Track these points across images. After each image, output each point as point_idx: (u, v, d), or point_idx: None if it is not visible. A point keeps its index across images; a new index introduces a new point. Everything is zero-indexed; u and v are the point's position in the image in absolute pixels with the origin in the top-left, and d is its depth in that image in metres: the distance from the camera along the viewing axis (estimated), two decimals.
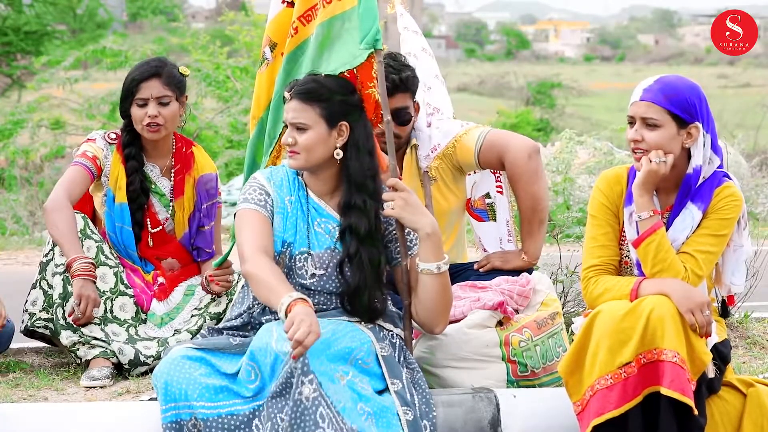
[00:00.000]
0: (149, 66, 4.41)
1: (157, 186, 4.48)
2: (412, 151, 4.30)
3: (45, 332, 4.29)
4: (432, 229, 3.46)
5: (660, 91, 3.42)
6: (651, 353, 3.24)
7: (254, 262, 3.34)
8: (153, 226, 4.46)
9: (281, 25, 3.84)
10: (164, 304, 4.39)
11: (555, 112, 32.40)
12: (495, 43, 78.20)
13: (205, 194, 4.54)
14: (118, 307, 4.29)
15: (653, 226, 3.39)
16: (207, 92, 13.99)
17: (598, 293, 3.46)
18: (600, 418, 3.24)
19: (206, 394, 3.17)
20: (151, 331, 4.32)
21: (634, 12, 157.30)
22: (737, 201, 3.45)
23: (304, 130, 3.47)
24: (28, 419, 3.51)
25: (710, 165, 3.48)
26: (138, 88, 4.36)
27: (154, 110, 4.34)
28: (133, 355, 4.18)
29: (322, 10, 3.67)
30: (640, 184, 3.43)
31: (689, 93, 3.43)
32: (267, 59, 3.86)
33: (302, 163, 3.49)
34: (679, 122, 3.42)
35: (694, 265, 3.39)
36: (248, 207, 3.50)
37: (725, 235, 3.45)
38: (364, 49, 3.59)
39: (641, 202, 3.43)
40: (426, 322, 3.59)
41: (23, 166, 13.98)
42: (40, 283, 4.26)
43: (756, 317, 5.27)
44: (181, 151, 4.53)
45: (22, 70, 23.70)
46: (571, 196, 6.98)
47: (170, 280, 4.45)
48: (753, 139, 18.91)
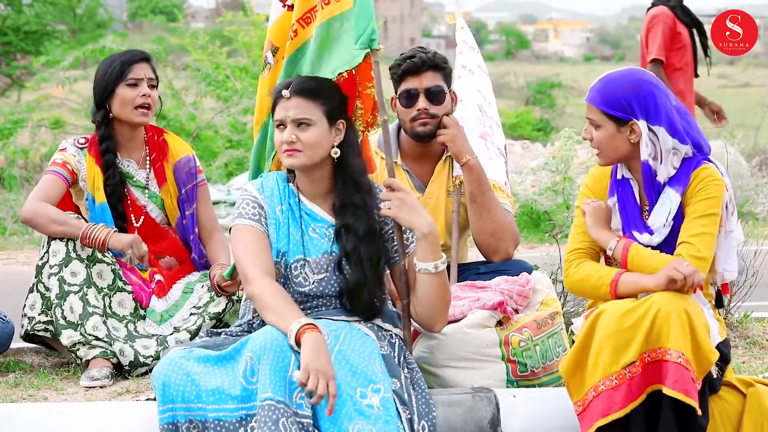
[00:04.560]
0: (134, 52, 4.49)
1: (136, 180, 4.48)
2: (447, 162, 4.34)
3: (45, 335, 4.29)
4: (429, 228, 3.46)
5: (597, 92, 3.48)
6: (655, 352, 3.23)
7: (258, 284, 3.34)
8: (136, 218, 4.45)
9: (282, 28, 3.82)
10: (163, 301, 4.38)
11: (555, 111, 32.44)
12: (495, 43, 78.21)
13: (184, 178, 4.54)
14: (116, 303, 4.28)
15: (625, 247, 3.43)
16: (207, 92, 14.00)
17: (579, 278, 3.50)
18: (605, 419, 3.23)
19: (204, 396, 3.16)
20: (150, 328, 4.31)
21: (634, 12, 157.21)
22: (717, 181, 3.43)
23: (307, 126, 3.46)
24: (28, 419, 3.51)
25: (675, 155, 3.46)
26: (130, 68, 4.39)
27: (147, 90, 4.39)
28: (133, 356, 4.17)
29: (321, 11, 3.67)
30: (589, 228, 3.51)
31: (625, 90, 3.44)
32: (269, 64, 3.84)
33: (304, 161, 3.47)
34: (616, 121, 3.45)
35: (691, 250, 3.38)
36: (244, 223, 3.48)
37: (714, 214, 3.42)
38: (360, 49, 3.59)
39: (601, 238, 3.49)
40: (425, 320, 3.59)
41: (23, 165, 13.97)
42: (37, 286, 4.26)
43: (756, 317, 5.26)
44: (153, 140, 4.54)
45: (22, 70, 23.69)
46: (571, 195, 6.97)
47: (168, 278, 4.45)
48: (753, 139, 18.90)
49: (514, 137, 22.22)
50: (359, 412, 3.17)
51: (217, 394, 3.16)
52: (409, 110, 4.22)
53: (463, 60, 4.58)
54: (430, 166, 4.35)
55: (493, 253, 4.22)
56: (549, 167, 7.33)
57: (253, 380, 3.15)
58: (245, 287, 3.40)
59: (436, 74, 4.23)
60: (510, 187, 4.46)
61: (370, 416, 3.17)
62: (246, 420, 3.13)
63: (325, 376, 3.09)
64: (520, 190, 9.01)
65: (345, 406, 3.16)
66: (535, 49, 74.90)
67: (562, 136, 7.28)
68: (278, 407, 3.06)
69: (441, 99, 4.23)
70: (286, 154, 3.47)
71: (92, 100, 4.50)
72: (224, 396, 3.16)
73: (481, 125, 4.47)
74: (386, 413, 3.19)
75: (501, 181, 4.37)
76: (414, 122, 4.22)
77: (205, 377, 3.19)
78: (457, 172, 4.28)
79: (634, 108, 3.44)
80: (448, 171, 4.34)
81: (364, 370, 3.27)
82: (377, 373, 3.28)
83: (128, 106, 4.37)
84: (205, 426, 3.15)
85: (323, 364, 3.10)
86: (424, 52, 4.28)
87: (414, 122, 4.22)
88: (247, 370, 3.16)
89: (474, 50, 4.63)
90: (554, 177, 7.25)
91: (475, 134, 4.38)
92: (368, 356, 3.32)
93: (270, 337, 3.18)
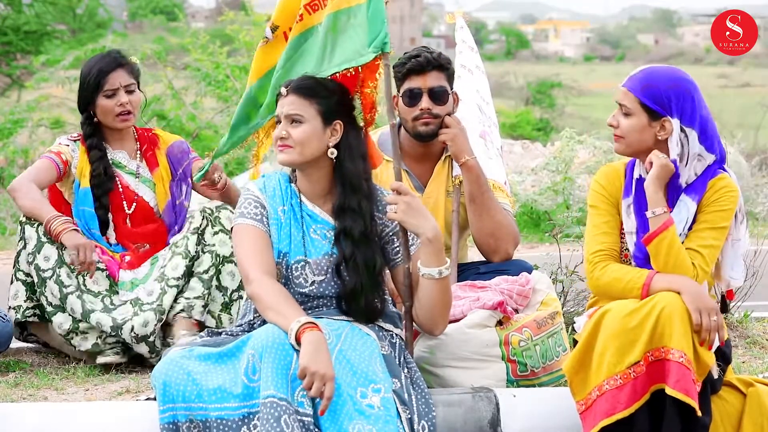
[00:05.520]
0: (111, 58, 4.55)
1: (128, 168, 4.58)
2: (446, 162, 4.34)
3: (35, 320, 4.38)
4: (434, 233, 3.45)
5: (639, 81, 3.45)
6: (659, 351, 3.23)
7: (259, 284, 3.35)
8: (128, 204, 4.54)
9: (286, 10, 3.87)
10: (132, 272, 4.44)
11: (555, 111, 32.45)
12: (495, 43, 78.19)
13: (177, 160, 4.64)
14: (91, 281, 4.34)
15: (665, 223, 3.38)
16: (207, 92, 13.98)
17: (606, 281, 3.44)
18: (610, 419, 3.23)
19: (205, 395, 3.16)
20: (123, 296, 4.37)
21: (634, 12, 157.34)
22: (733, 192, 3.44)
23: (299, 123, 3.48)
24: (28, 419, 3.51)
25: (699, 161, 3.46)
26: (105, 79, 4.48)
27: (125, 98, 4.48)
28: (111, 322, 4.24)
29: (331, 1, 3.69)
30: (653, 180, 3.42)
31: (668, 87, 3.43)
32: (267, 38, 3.89)
33: (295, 157, 3.48)
34: (650, 114, 3.43)
35: (702, 261, 3.39)
36: (246, 222, 3.49)
37: (725, 227, 3.43)
38: (372, 52, 3.60)
39: (655, 198, 3.41)
40: (425, 323, 3.58)
41: (23, 165, 13.95)
42: (16, 275, 4.36)
43: (756, 317, 5.27)
44: (144, 135, 4.68)
45: (22, 70, 23.68)
46: (571, 195, 6.98)
47: (137, 257, 4.50)
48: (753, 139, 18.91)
49: (514, 137, 22.20)
50: (359, 412, 3.17)
51: (219, 393, 3.16)
52: (411, 109, 4.22)
53: (463, 60, 4.59)
54: (429, 166, 4.35)
55: (492, 253, 4.22)
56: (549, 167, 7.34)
57: (255, 378, 3.15)
58: (246, 287, 3.41)
59: (440, 74, 4.24)
60: (510, 187, 4.46)
61: (370, 416, 3.17)
62: (248, 418, 3.14)
63: (322, 378, 3.10)
64: (520, 190, 9.01)
65: (345, 406, 3.16)
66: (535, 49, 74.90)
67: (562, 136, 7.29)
68: (280, 404, 3.07)
69: (444, 99, 4.23)
70: (279, 149, 3.50)
71: None
72: (226, 395, 3.16)
73: (481, 125, 4.47)
74: (386, 413, 3.19)
75: (501, 180, 4.37)
76: (416, 121, 4.22)
77: (206, 376, 3.19)
78: (456, 171, 4.28)
79: (672, 105, 3.42)
80: (447, 171, 4.34)
81: (364, 369, 3.27)
82: (378, 373, 3.28)
83: (109, 115, 4.51)
84: (207, 425, 3.15)
85: (321, 365, 3.11)
86: (429, 51, 4.29)
87: (416, 121, 4.22)
88: (249, 367, 3.16)
89: (473, 50, 4.63)
90: (554, 177, 7.26)
91: (474, 133, 4.38)
92: (369, 356, 3.32)
93: (272, 335, 3.18)
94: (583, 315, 3.60)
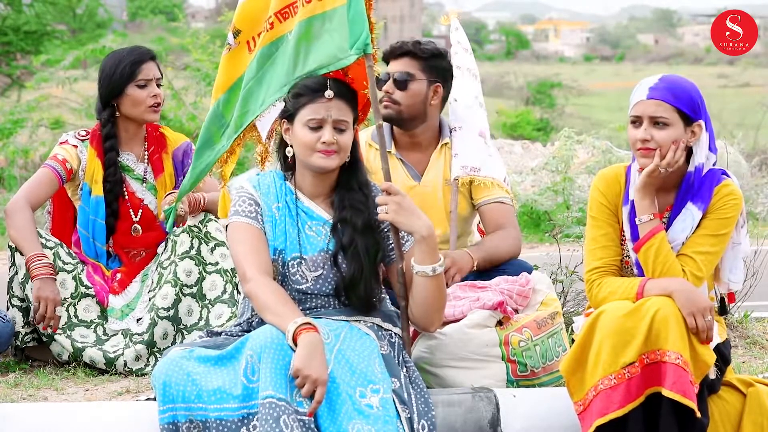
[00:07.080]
0: (144, 50, 4.53)
1: (135, 172, 4.53)
2: (443, 150, 4.35)
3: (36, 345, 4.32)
4: (428, 231, 3.45)
5: (668, 90, 3.42)
6: (654, 354, 3.23)
7: (256, 283, 3.35)
8: (135, 211, 4.49)
9: (248, 12, 3.83)
10: (122, 296, 4.41)
11: (555, 111, 32.40)
12: (495, 43, 78.17)
13: (181, 164, 4.61)
14: (82, 309, 4.33)
15: (653, 230, 3.40)
16: (207, 92, 13.97)
17: (603, 296, 3.45)
18: (603, 419, 3.24)
19: (205, 396, 3.17)
20: (114, 325, 4.33)
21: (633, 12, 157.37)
22: (737, 199, 3.45)
23: (344, 130, 3.49)
24: (28, 419, 3.51)
25: (707, 162, 3.48)
26: (140, 69, 4.45)
27: (157, 90, 4.47)
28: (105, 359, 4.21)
29: (302, 8, 3.64)
30: (641, 187, 3.43)
31: (692, 91, 3.45)
32: (229, 44, 3.84)
33: (338, 162, 3.50)
34: (685, 120, 3.43)
35: (693, 267, 3.39)
36: (240, 220, 3.49)
37: (725, 235, 3.44)
38: (354, 53, 3.60)
39: (642, 205, 3.42)
40: (420, 320, 3.58)
41: (23, 165, 13.95)
42: (11, 300, 4.29)
43: (756, 317, 5.27)
44: (152, 135, 4.62)
45: (22, 70, 23.66)
46: (571, 195, 6.97)
47: (128, 273, 4.45)
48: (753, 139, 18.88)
49: (514, 137, 22.19)
50: (359, 412, 3.17)
51: (218, 393, 3.17)
52: (380, 93, 4.27)
53: (458, 60, 4.58)
54: (424, 155, 4.37)
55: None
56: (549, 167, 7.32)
57: (254, 379, 3.16)
58: (243, 286, 3.41)
59: (411, 62, 4.29)
60: (510, 186, 4.45)
61: (369, 416, 3.17)
62: (247, 419, 3.15)
63: (314, 382, 3.12)
64: (520, 190, 8.99)
65: (344, 406, 3.17)
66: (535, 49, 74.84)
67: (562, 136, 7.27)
68: (279, 404, 3.08)
69: (404, 86, 4.26)
70: (322, 154, 3.47)
71: (93, 99, 4.58)
72: (225, 396, 3.17)
73: (479, 123, 4.45)
74: (385, 413, 3.20)
75: (500, 177, 4.37)
76: (381, 104, 4.23)
77: (206, 377, 3.19)
78: (455, 171, 4.29)
79: (700, 109, 3.44)
80: (444, 158, 4.34)
81: (363, 370, 3.27)
82: (377, 373, 3.28)
83: (140, 106, 4.45)
84: (207, 426, 3.16)
85: (314, 369, 3.12)
86: (414, 40, 4.34)
87: (381, 104, 4.23)
88: (248, 368, 3.17)
89: (467, 52, 4.63)
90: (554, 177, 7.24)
91: (474, 132, 4.38)
92: (368, 356, 3.32)
93: (270, 336, 3.19)
94: (582, 315, 3.61)
